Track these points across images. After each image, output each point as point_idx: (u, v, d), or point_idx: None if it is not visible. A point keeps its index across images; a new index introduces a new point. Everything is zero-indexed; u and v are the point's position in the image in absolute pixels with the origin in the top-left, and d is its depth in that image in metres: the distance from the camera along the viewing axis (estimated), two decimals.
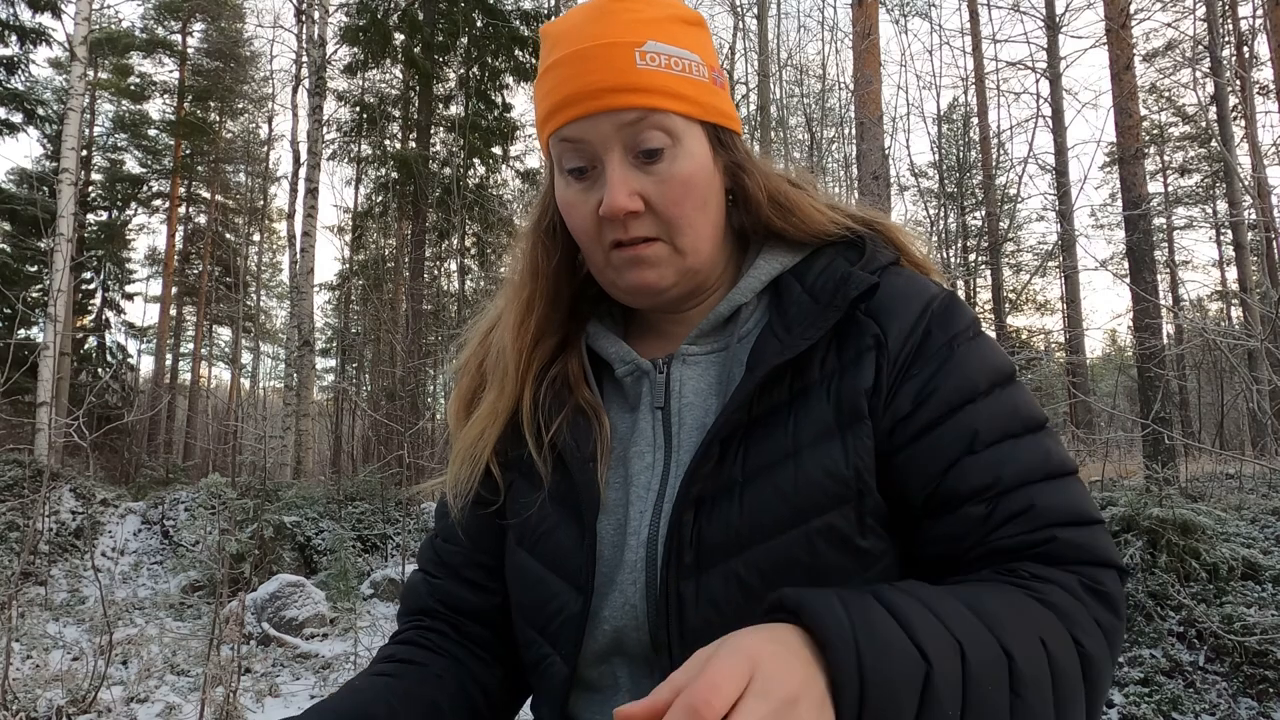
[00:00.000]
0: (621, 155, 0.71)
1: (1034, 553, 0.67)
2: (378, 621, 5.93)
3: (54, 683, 4.70)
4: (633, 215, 0.72)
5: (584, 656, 0.73)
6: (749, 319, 0.77)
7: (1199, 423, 14.35)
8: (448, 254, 17.88)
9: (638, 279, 0.75)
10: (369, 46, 16.82)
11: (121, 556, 8.52)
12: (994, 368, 0.73)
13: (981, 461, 0.68)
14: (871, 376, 0.70)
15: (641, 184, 0.72)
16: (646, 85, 0.71)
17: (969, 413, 0.70)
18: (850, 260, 0.76)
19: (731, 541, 0.68)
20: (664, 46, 0.72)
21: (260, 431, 18.00)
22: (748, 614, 0.63)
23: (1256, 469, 7.89)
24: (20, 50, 16.63)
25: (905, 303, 0.73)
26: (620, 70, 0.70)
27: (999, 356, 0.74)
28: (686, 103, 0.72)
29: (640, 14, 0.73)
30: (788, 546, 0.67)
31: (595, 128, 0.71)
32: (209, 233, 25.57)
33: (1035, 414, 0.72)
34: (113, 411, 17.22)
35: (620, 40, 0.71)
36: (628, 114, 0.70)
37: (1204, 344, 9.89)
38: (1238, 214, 12.65)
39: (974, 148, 15.90)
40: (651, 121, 0.71)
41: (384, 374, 15.57)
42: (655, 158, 0.72)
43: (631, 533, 0.73)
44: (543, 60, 0.75)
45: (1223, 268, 22.36)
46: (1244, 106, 14.00)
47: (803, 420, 0.70)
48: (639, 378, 0.79)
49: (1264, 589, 4.65)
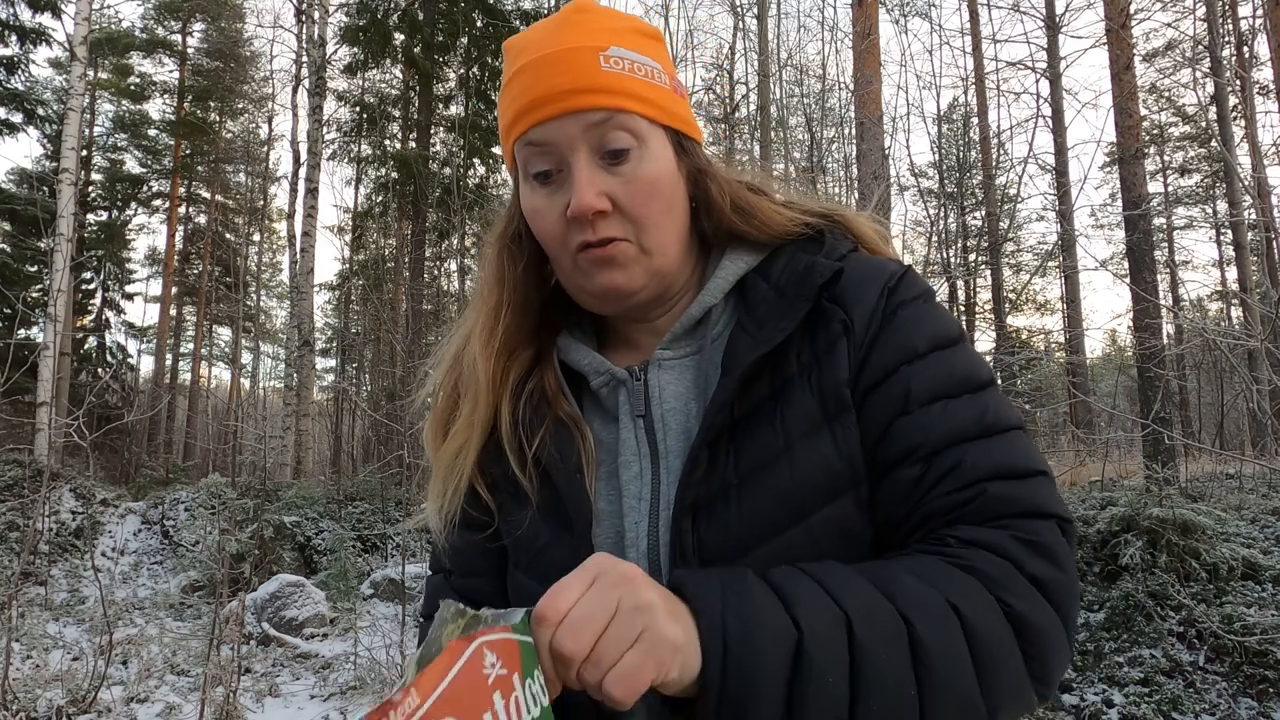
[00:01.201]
0: (588, 156, 0.72)
1: (964, 511, 0.65)
2: (378, 621, 5.93)
3: (54, 683, 4.69)
4: (600, 215, 0.71)
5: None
6: (718, 321, 0.77)
7: (1199, 423, 14.35)
8: (448, 254, 17.88)
9: (607, 280, 0.74)
10: (369, 46, 16.82)
11: (121, 556, 8.52)
12: (935, 331, 0.73)
13: (913, 422, 0.68)
14: (845, 364, 0.71)
15: (609, 184, 0.72)
16: (611, 86, 0.71)
17: (903, 374, 0.70)
18: (811, 253, 0.77)
19: (732, 546, 0.67)
20: (626, 52, 0.73)
21: (260, 431, 18.01)
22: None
23: (1256, 469, 7.89)
24: (20, 50, 16.64)
25: (865, 285, 0.74)
26: (586, 72, 0.71)
27: (944, 321, 0.74)
28: (650, 106, 0.74)
29: (602, 23, 0.75)
30: (790, 545, 0.67)
31: (562, 129, 0.71)
32: (209, 233, 25.57)
33: (976, 374, 0.71)
34: (113, 411, 17.22)
35: (584, 45, 0.72)
36: (594, 114, 0.71)
37: (1204, 344, 9.89)
38: (1238, 214, 12.66)
39: (974, 148, 15.90)
40: (617, 122, 0.71)
41: (384, 374, 15.57)
42: (621, 158, 0.72)
43: (630, 545, 0.72)
44: (506, 72, 0.76)
45: (1223, 268, 22.37)
46: (1244, 106, 14.00)
47: (789, 415, 0.70)
48: (615, 387, 0.78)
49: (1264, 589, 4.64)
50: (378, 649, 5.11)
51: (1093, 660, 4.39)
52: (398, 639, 5.06)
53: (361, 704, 4.74)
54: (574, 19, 0.75)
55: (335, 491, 9.49)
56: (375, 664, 4.99)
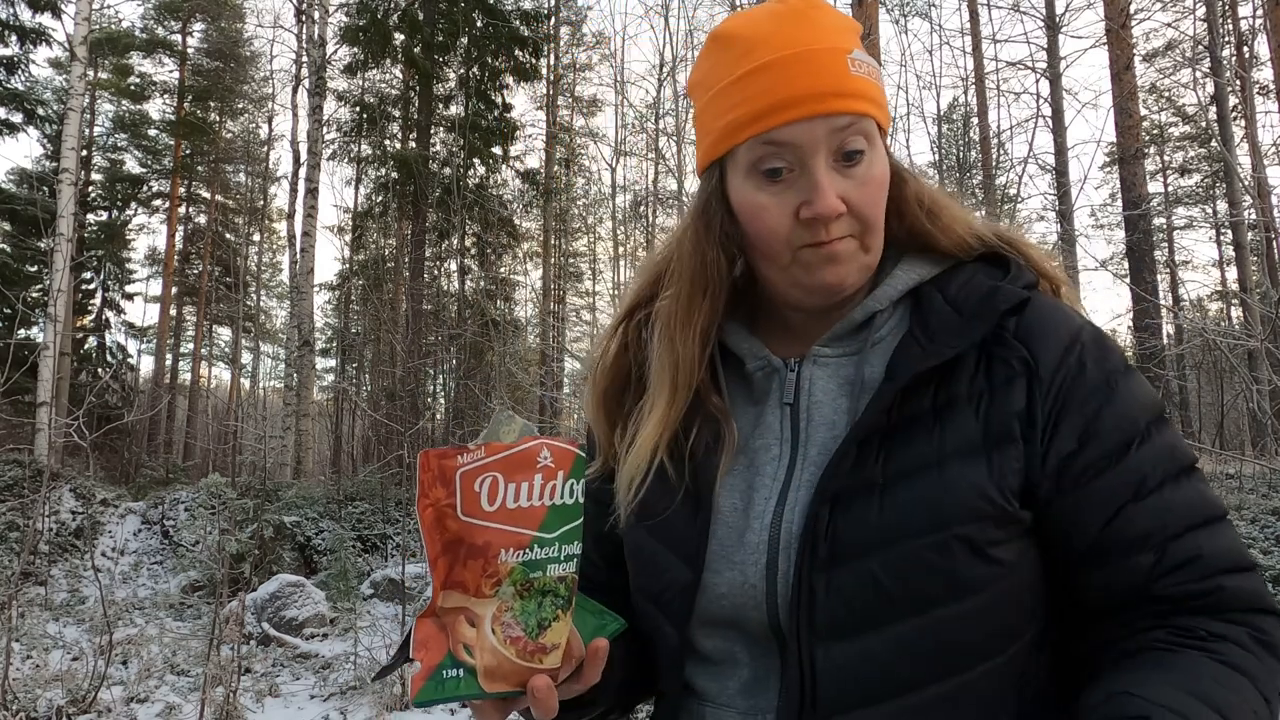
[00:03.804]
0: (826, 158, 0.73)
1: (1199, 603, 0.67)
2: (378, 621, 5.93)
3: (54, 683, 4.70)
4: (838, 216, 0.73)
5: (696, 627, 0.76)
6: (884, 325, 0.78)
7: (1199, 423, 14.35)
8: (448, 254, 17.87)
9: (830, 275, 0.76)
10: (369, 46, 16.81)
11: (121, 556, 8.52)
12: (1150, 405, 0.73)
13: (1147, 508, 0.69)
14: (1024, 401, 0.71)
15: (843, 187, 0.73)
16: (859, 91, 0.73)
17: (1135, 457, 0.70)
18: (993, 277, 0.77)
19: (869, 540, 0.69)
20: (863, 55, 0.75)
21: (260, 431, 18.01)
22: (876, 612, 0.68)
23: (1256, 469, 7.89)
24: (20, 50, 16.64)
25: (1054, 330, 0.73)
26: (838, 75, 0.72)
27: (1152, 393, 0.74)
28: (882, 110, 0.76)
29: (838, 23, 0.75)
30: (925, 550, 0.67)
31: (810, 131, 0.72)
32: (209, 233, 25.56)
33: (1188, 453, 0.72)
34: (113, 411, 17.22)
35: (834, 46, 0.73)
36: (841, 119, 0.72)
37: (1204, 344, 9.88)
38: (1238, 214, 12.66)
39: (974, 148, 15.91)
40: (858, 127, 0.73)
41: (384, 374, 15.57)
42: (855, 160, 0.73)
43: (755, 516, 0.75)
44: (732, 64, 0.75)
45: (1223, 268, 22.36)
46: (1244, 106, 13.99)
47: (949, 433, 0.71)
48: (769, 374, 0.80)
49: None
50: (378, 649, 5.11)
51: None
52: (398, 639, 5.06)
53: (361, 704, 4.74)
54: (812, 15, 0.74)
55: (335, 491, 9.49)
56: (375, 664, 4.99)
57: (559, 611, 0.63)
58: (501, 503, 0.61)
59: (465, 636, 0.62)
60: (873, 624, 0.68)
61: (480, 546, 0.61)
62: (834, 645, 0.69)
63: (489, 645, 0.62)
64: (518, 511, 0.62)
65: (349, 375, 19.23)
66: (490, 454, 0.62)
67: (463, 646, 0.62)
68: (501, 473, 0.62)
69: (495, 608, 0.62)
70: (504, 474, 0.62)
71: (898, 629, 0.68)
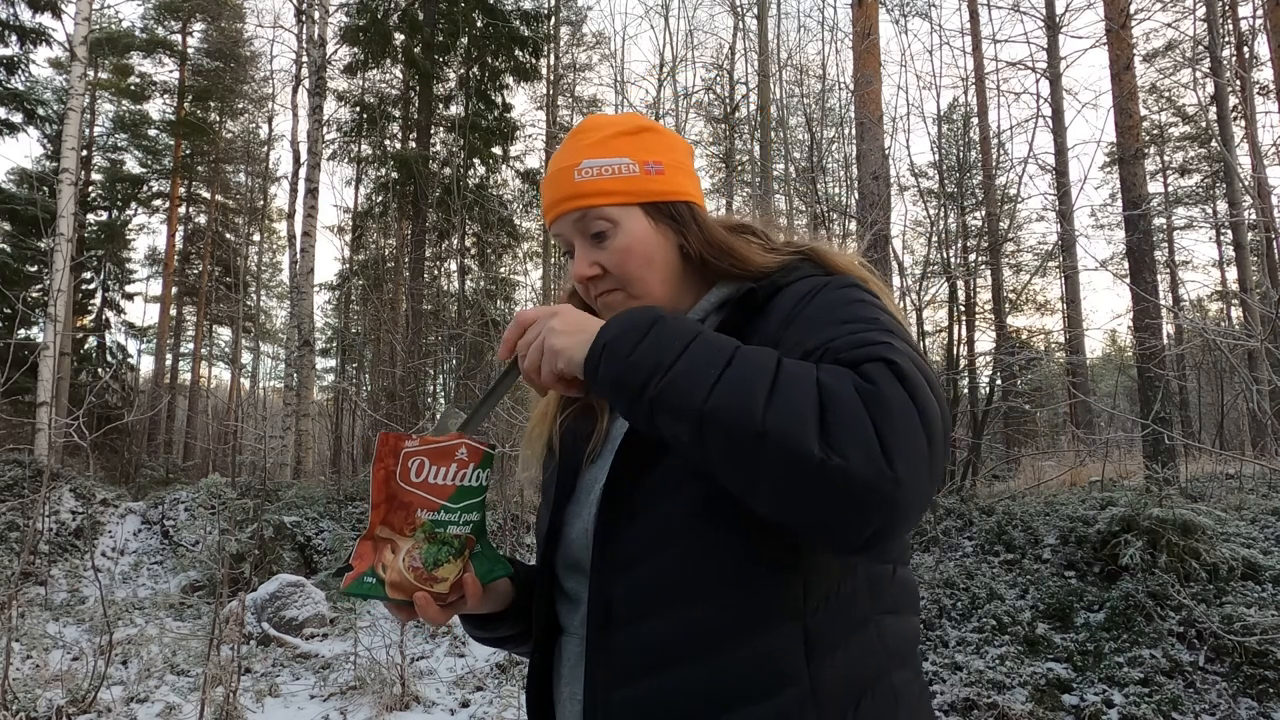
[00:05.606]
0: (582, 240, 1.00)
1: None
2: (377, 621, 5.92)
3: (54, 683, 4.70)
4: (593, 279, 0.99)
5: (559, 568, 0.97)
6: None
7: (1199, 423, 14.35)
8: (448, 254, 17.88)
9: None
10: (369, 46, 16.82)
11: (121, 556, 8.52)
12: (851, 300, 0.86)
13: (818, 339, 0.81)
14: (773, 342, 0.86)
15: (598, 256, 0.99)
16: (583, 192, 0.98)
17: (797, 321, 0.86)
18: (775, 283, 0.95)
19: (660, 488, 0.86)
20: (595, 161, 0.99)
21: (260, 431, 18.02)
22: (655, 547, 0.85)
23: (1256, 469, 7.90)
24: (20, 50, 16.65)
25: (795, 294, 0.91)
26: (564, 185, 0.99)
27: (863, 295, 0.88)
28: (616, 195, 0.98)
29: (585, 139, 1.01)
30: (704, 488, 0.81)
31: (561, 226, 1.01)
32: (209, 233, 25.58)
33: (867, 316, 0.83)
34: (113, 411, 17.23)
35: (564, 165, 1.00)
36: (574, 214, 0.99)
37: (1204, 344, 9.89)
38: (1238, 214, 12.66)
39: (974, 148, 15.87)
40: (592, 215, 0.98)
41: (384, 374, 15.55)
42: (602, 238, 0.99)
43: (596, 482, 0.95)
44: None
45: (1223, 268, 22.36)
46: (1244, 106, 14.01)
47: None
48: None
49: (1264, 589, 4.64)
50: (378, 649, 5.11)
51: (1093, 660, 4.39)
52: (397, 639, 5.06)
53: (361, 704, 4.74)
54: (567, 144, 1.02)
55: (335, 491, 9.49)
56: (375, 664, 4.99)
57: (450, 557, 0.89)
58: (425, 478, 0.87)
59: (385, 559, 0.88)
60: (664, 559, 0.84)
61: (406, 503, 0.87)
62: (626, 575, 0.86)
63: (398, 568, 0.87)
64: (435, 486, 0.87)
65: (349, 375, 19.24)
66: (424, 444, 0.87)
67: (382, 565, 0.87)
68: (428, 458, 0.87)
69: (409, 545, 0.88)
70: (430, 459, 0.87)
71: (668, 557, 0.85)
